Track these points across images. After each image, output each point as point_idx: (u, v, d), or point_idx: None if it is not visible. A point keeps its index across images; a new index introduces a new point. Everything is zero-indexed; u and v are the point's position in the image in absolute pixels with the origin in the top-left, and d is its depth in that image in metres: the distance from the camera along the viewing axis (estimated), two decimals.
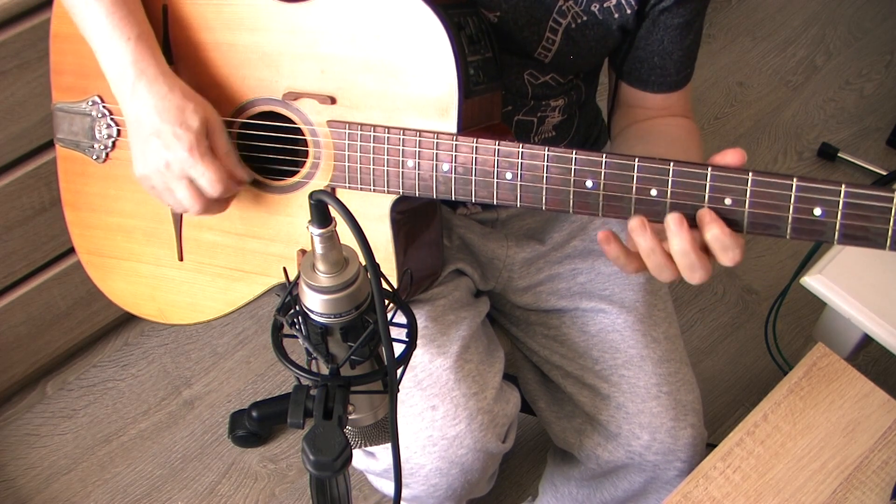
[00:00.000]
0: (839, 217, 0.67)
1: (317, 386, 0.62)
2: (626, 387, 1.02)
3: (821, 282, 1.06)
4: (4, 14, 1.19)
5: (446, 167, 0.80)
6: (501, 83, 0.88)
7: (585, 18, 0.90)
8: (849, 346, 1.16)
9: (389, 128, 0.82)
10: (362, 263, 0.59)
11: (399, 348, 0.64)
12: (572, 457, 1.13)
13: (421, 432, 0.96)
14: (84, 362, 1.75)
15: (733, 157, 0.71)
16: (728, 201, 0.70)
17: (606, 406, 1.03)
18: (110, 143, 0.95)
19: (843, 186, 0.66)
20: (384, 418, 0.69)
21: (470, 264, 1.07)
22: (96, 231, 1.00)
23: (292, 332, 0.63)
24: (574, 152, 0.74)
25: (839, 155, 2.06)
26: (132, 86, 0.83)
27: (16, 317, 1.51)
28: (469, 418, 0.96)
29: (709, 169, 0.70)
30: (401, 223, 0.87)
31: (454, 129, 0.80)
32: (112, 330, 1.78)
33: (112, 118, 0.93)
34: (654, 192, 0.72)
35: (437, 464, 0.96)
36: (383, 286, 0.63)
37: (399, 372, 0.63)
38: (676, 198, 0.72)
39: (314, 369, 0.63)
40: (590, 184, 0.74)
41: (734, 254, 0.70)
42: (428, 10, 0.78)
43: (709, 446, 1.03)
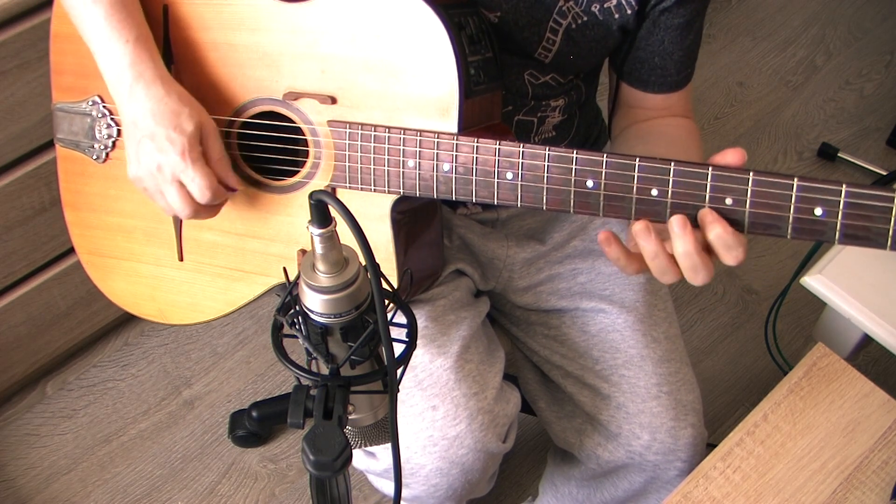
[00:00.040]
0: (840, 217, 0.67)
1: (317, 386, 0.62)
2: (627, 387, 1.02)
3: (821, 282, 1.06)
4: (4, 14, 1.19)
5: (447, 167, 0.80)
6: (502, 83, 0.88)
7: (586, 19, 0.90)
8: (849, 346, 1.16)
9: (390, 128, 0.82)
10: (362, 263, 0.59)
11: (399, 348, 0.64)
12: (572, 457, 1.13)
13: (421, 432, 0.96)
14: (84, 362, 1.75)
15: (733, 156, 0.71)
16: (729, 201, 0.70)
17: (607, 406, 1.03)
18: (110, 143, 0.95)
19: (844, 186, 0.66)
20: (384, 418, 0.69)
21: (470, 264, 1.07)
22: (96, 231, 1.00)
23: (292, 332, 0.63)
24: (575, 152, 0.74)
25: (839, 155, 2.06)
26: (129, 88, 0.83)
27: (16, 317, 1.51)
28: (469, 418, 0.96)
29: (710, 169, 0.70)
30: (401, 223, 0.87)
31: (455, 129, 0.80)
32: (112, 330, 1.78)
33: (112, 118, 0.93)
34: (654, 192, 0.72)
35: (438, 464, 0.96)
36: (383, 286, 0.63)
37: (399, 372, 0.63)
38: (677, 198, 0.72)
39: (314, 369, 0.63)
40: (590, 184, 0.74)
41: (738, 253, 0.70)
42: (428, 9, 0.78)
43: (709, 446, 1.03)
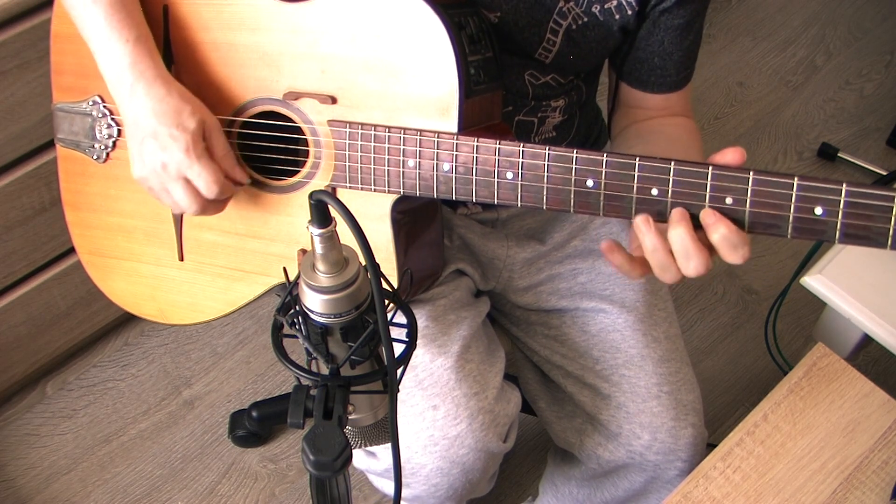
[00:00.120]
0: (840, 216, 0.67)
1: (317, 386, 0.62)
2: (627, 386, 1.02)
3: (821, 282, 1.06)
4: (4, 14, 1.19)
5: (447, 167, 0.80)
6: (502, 83, 0.88)
7: (586, 20, 0.90)
8: (849, 346, 1.16)
9: (390, 127, 0.82)
10: (362, 263, 0.59)
11: (399, 348, 0.64)
12: (573, 456, 1.13)
13: (422, 432, 0.96)
14: (84, 362, 1.75)
15: (733, 155, 0.71)
16: (729, 200, 0.70)
17: (607, 406, 1.03)
18: (111, 143, 0.95)
19: (845, 185, 0.66)
20: (384, 418, 0.69)
21: (470, 264, 1.07)
22: (96, 231, 1.00)
23: (292, 332, 0.63)
24: (575, 152, 0.74)
25: (839, 155, 2.06)
26: (130, 88, 0.83)
27: (16, 317, 1.51)
28: (470, 418, 0.96)
29: (710, 168, 0.70)
30: (401, 223, 0.87)
31: (455, 129, 0.80)
32: (112, 330, 1.78)
33: (112, 118, 0.93)
34: (654, 191, 0.72)
35: (439, 463, 0.96)
36: (383, 286, 0.63)
37: (399, 372, 0.63)
38: (677, 197, 0.72)
39: (314, 369, 0.63)
40: (591, 183, 0.74)
41: (743, 251, 0.70)
42: (429, 9, 0.78)
43: (709, 446, 1.03)
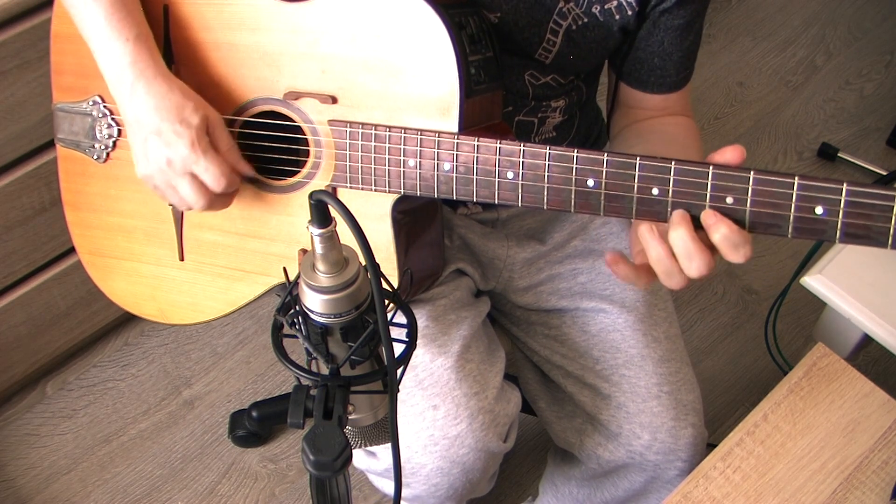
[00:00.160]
0: (841, 216, 0.67)
1: (317, 386, 0.62)
2: (627, 386, 1.02)
3: (821, 282, 1.06)
4: (4, 14, 1.19)
5: (448, 167, 0.80)
6: (502, 83, 0.88)
7: (586, 20, 0.90)
8: (849, 346, 1.16)
9: (391, 127, 0.82)
10: (362, 263, 0.59)
11: (399, 348, 0.64)
12: (573, 456, 1.13)
13: (422, 432, 0.96)
14: (84, 362, 1.75)
15: (733, 154, 0.71)
16: (730, 200, 0.70)
17: (607, 406, 1.03)
18: (111, 143, 0.95)
19: (845, 185, 0.66)
20: (384, 418, 0.69)
21: (471, 264, 1.07)
22: (97, 231, 1.00)
23: (292, 332, 0.63)
24: (575, 151, 0.74)
25: (839, 155, 2.06)
26: (131, 87, 0.83)
27: (16, 317, 1.51)
28: (470, 418, 0.96)
29: (710, 168, 0.70)
30: (402, 223, 0.87)
31: (455, 129, 0.80)
32: (112, 330, 1.78)
33: (113, 118, 0.93)
34: (655, 191, 0.72)
35: (439, 463, 0.96)
36: (383, 286, 0.63)
37: (399, 372, 0.63)
38: (678, 197, 0.72)
39: (314, 369, 0.63)
40: (591, 183, 0.74)
41: (745, 250, 0.70)
42: (429, 9, 0.78)
43: (709, 446, 1.03)
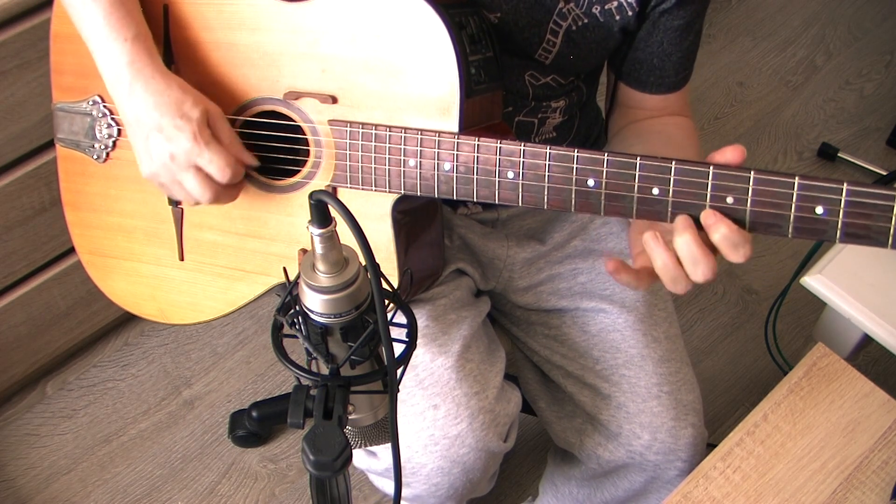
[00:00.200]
0: (841, 216, 0.67)
1: (317, 386, 0.62)
2: (627, 386, 1.02)
3: (821, 282, 1.06)
4: (4, 14, 1.19)
5: (448, 166, 0.80)
6: (502, 83, 0.88)
7: (586, 21, 0.90)
8: (849, 346, 1.16)
9: (391, 127, 0.81)
10: (362, 263, 0.59)
11: (399, 348, 0.64)
12: (573, 456, 1.13)
13: (422, 431, 0.96)
14: (84, 362, 1.75)
15: (733, 154, 0.71)
16: (730, 200, 0.70)
17: (607, 406, 1.03)
18: (111, 143, 0.95)
19: (845, 185, 0.66)
20: (384, 418, 0.69)
21: (471, 264, 1.07)
22: (97, 231, 1.00)
23: (292, 332, 0.63)
24: (576, 151, 0.74)
25: (839, 155, 2.06)
26: (129, 86, 0.83)
27: (16, 317, 1.51)
28: (471, 417, 0.96)
29: (711, 168, 0.70)
30: (402, 223, 0.87)
31: (455, 129, 0.80)
32: (112, 330, 1.78)
33: (112, 118, 0.93)
34: (655, 190, 0.72)
35: (439, 463, 0.96)
36: (383, 286, 0.63)
37: (399, 372, 0.63)
38: (678, 196, 0.72)
39: (314, 369, 0.63)
40: (592, 183, 0.74)
41: (745, 250, 0.70)
42: (429, 9, 0.78)
43: (709, 446, 1.03)
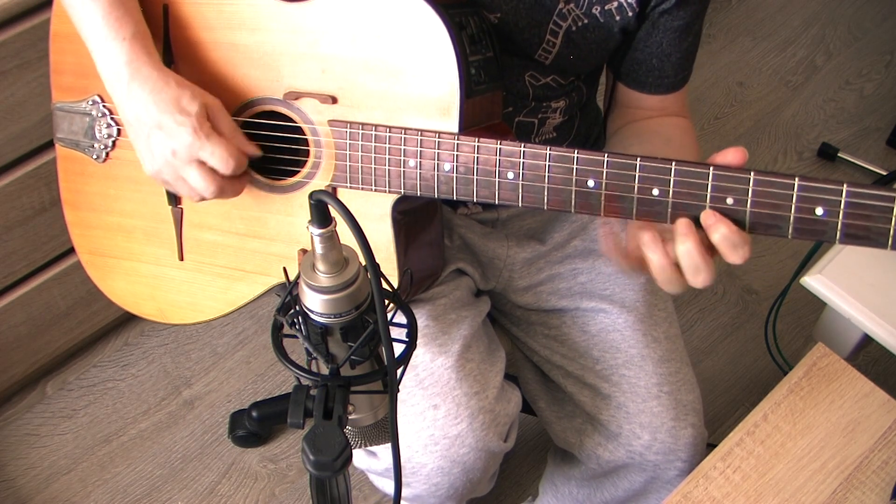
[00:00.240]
0: (841, 217, 0.67)
1: (317, 386, 0.62)
2: (627, 386, 1.02)
3: (821, 282, 1.06)
4: (4, 14, 1.19)
5: (448, 167, 0.80)
6: (503, 83, 0.88)
7: (586, 21, 0.90)
8: (849, 346, 1.16)
9: (391, 127, 0.81)
10: (362, 263, 0.59)
11: (399, 348, 0.64)
12: (573, 456, 1.13)
13: (422, 431, 0.96)
14: (84, 362, 1.75)
15: (734, 155, 0.71)
16: (730, 201, 0.70)
17: (607, 406, 1.03)
18: (110, 143, 0.95)
19: (845, 186, 0.66)
20: (384, 418, 0.69)
21: (471, 264, 1.07)
22: (96, 231, 1.00)
23: (292, 332, 0.63)
24: (576, 152, 0.74)
25: (839, 155, 2.06)
26: (127, 85, 0.83)
27: (16, 317, 1.51)
28: (471, 417, 0.96)
29: (711, 169, 0.70)
30: (402, 223, 0.87)
31: (455, 129, 0.80)
32: (112, 330, 1.78)
33: (112, 118, 0.93)
34: (655, 191, 0.72)
35: (439, 463, 0.96)
36: (383, 286, 0.63)
37: (399, 372, 0.63)
38: (678, 197, 0.72)
39: (314, 369, 0.63)
40: (591, 183, 0.74)
41: (744, 251, 0.70)
42: (429, 9, 0.78)
43: (709, 446, 1.03)
